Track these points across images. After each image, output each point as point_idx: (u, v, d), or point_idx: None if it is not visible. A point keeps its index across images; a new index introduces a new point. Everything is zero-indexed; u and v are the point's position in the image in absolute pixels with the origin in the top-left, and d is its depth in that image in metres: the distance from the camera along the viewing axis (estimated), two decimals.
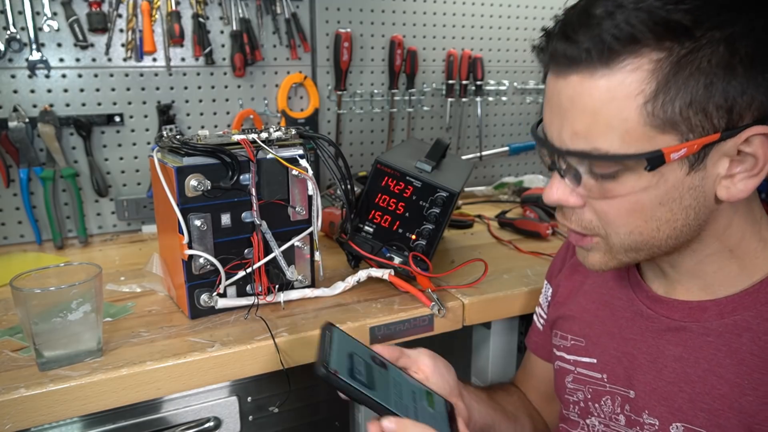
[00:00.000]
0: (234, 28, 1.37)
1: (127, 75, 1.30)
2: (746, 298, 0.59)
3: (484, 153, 1.75)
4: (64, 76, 1.25)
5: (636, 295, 0.68)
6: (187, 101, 1.37)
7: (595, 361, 0.71)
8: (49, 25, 1.20)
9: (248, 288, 0.89)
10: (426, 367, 0.73)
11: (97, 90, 1.28)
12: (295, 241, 0.90)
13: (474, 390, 0.82)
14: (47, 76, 1.23)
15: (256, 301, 0.88)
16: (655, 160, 0.51)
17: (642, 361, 0.65)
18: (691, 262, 0.61)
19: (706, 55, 0.49)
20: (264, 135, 0.87)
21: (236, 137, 0.84)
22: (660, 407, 0.62)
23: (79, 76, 1.26)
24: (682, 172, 0.53)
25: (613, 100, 0.51)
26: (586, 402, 0.71)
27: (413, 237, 0.96)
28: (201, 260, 0.83)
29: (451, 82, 1.65)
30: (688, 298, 0.63)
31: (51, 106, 1.23)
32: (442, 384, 0.72)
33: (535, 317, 0.88)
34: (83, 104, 1.27)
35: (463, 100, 1.69)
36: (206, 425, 0.84)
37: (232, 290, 0.88)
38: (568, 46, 0.52)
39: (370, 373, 0.65)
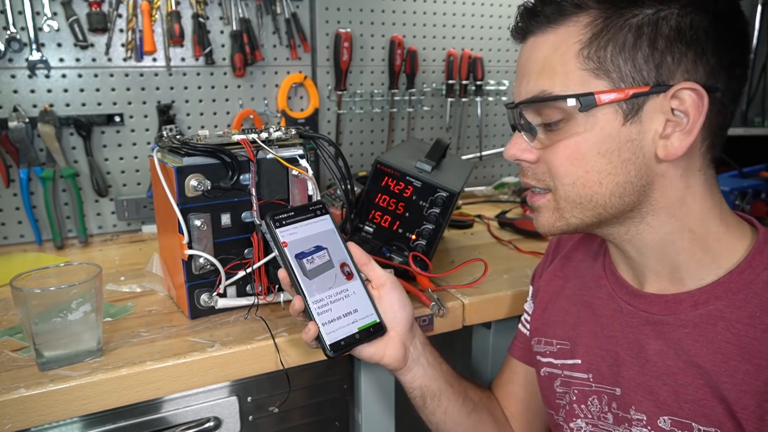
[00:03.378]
0: (234, 28, 1.37)
1: (127, 75, 1.30)
2: (718, 289, 0.60)
3: (484, 153, 1.75)
4: (64, 76, 1.25)
5: (615, 292, 0.70)
6: (187, 101, 1.37)
7: (579, 361, 0.71)
8: (49, 25, 1.20)
9: (248, 288, 0.89)
10: (382, 288, 0.75)
11: (97, 90, 1.28)
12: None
13: (434, 356, 0.80)
14: (47, 76, 1.23)
15: (256, 301, 0.88)
16: (586, 100, 0.57)
17: (625, 357, 0.66)
18: (652, 241, 0.63)
19: (635, 14, 0.57)
20: (264, 135, 0.87)
21: (236, 137, 0.84)
22: (646, 402, 0.63)
23: (79, 76, 1.26)
24: (617, 122, 0.58)
25: (557, 50, 0.59)
26: (571, 404, 0.71)
27: (413, 237, 0.96)
28: (201, 260, 0.83)
29: (451, 82, 1.65)
30: (661, 290, 0.64)
31: (51, 106, 1.23)
32: (385, 311, 0.74)
33: (520, 325, 0.87)
34: (83, 104, 1.27)
35: (463, 100, 1.70)
36: (206, 425, 0.84)
37: (232, 290, 0.88)
38: (532, 17, 0.62)
39: (319, 268, 0.71)
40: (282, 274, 0.71)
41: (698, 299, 0.61)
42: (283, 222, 0.70)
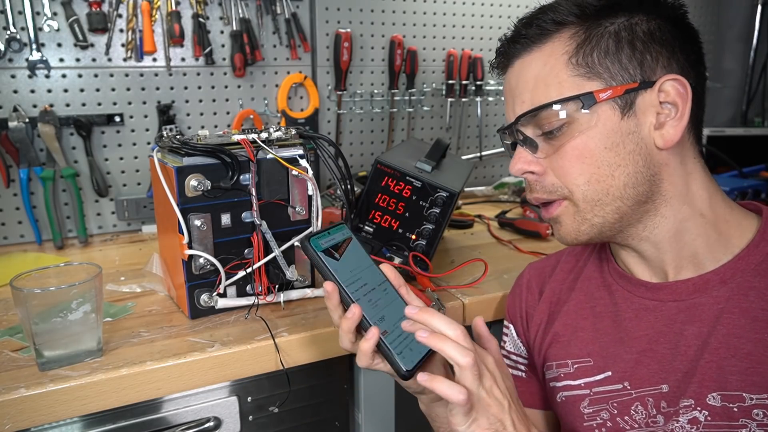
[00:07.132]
0: (234, 28, 1.37)
1: (127, 75, 1.30)
2: (740, 263, 0.63)
3: (484, 153, 1.75)
4: (64, 76, 1.25)
5: (633, 293, 0.68)
6: (187, 101, 1.37)
7: (610, 373, 0.68)
8: (49, 25, 1.20)
9: (248, 288, 0.89)
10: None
11: (97, 90, 1.28)
12: (295, 241, 0.90)
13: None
14: (47, 76, 1.23)
15: (256, 301, 0.88)
16: (587, 98, 0.61)
17: (664, 352, 0.64)
18: (668, 232, 0.65)
19: (611, 22, 0.63)
20: (264, 135, 0.87)
21: (236, 137, 0.84)
22: (692, 386, 0.61)
23: (79, 76, 1.26)
24: (616, 117, 0.62)
25: (546, 64, 0.63)
26: (613, 419, 0.67)
27: (413, 237, 0.96)
28: (201, 260, 0.83)
29: (451, 82, 1.65)
30: (684, 278, 0.65)
31: (51, 106, 1.23)
32: None
33: (509, 370, 0.79)
34: (83, 104, 1.27)
35: (463, 100, 1.69)
36: (206, 425, 0.84)
37: (232, 290, 0.88)
38: (515, 42, 0.66)
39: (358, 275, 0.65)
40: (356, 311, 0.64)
41: (724, 275, 0.63)
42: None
